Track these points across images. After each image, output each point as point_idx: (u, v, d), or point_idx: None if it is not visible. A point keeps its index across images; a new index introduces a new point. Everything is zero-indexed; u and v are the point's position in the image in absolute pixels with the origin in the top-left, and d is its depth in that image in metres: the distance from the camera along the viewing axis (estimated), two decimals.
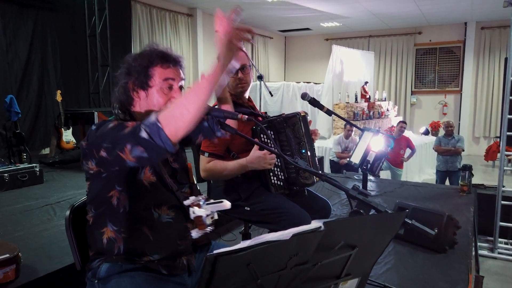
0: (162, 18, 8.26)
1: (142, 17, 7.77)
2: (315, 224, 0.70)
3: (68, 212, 1.34)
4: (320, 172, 1.24)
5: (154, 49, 1.30)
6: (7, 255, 1.90)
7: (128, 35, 7.33)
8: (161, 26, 8.23)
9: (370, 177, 4.53)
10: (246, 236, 2.24)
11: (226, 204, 0.98)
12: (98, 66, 6.64)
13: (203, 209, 0.96)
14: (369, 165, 2.19)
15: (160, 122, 1.05)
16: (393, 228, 0.82)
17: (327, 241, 0.72)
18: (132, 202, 1.25)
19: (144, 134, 1.05)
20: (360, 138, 2.32)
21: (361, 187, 1.08)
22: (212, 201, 1.00)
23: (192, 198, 0.99)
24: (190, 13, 8.97)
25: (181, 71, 1.33)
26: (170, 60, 1.30)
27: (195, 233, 1.00)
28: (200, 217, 0.95)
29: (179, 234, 1.28)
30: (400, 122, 6.42)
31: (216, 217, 1.02)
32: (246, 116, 1.28)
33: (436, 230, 2.24)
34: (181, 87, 1.33)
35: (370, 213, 0.99)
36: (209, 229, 0.97)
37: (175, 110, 1.06)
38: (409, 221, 0.87)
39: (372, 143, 2.18)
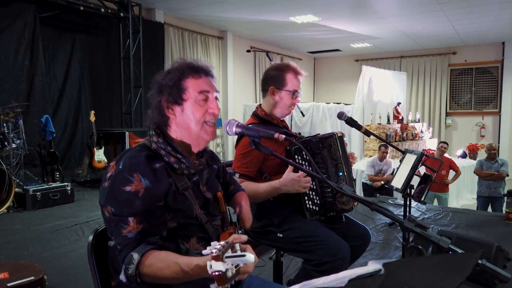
0: (194, 40, 8.42)
1: (174, 39, 7.94)
2: (373, 266, 0.58)
3: (91, 238, 1.24)
4: (370, 200, 1.11)
5: (182, 62, 1.25)
6: (32, 278, 1.86)
7: (161, 57, 7.50)
8: (193, 48, 8.39)
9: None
10: (277, 263, 2.10)
11: (249, 258, 0.82)
12: (130, 87, 6.79)
13: (221, 263, 0.79)
14: (413, 191, 2.02)
15: (140, 277, 1.05)
16: (464, 270, 0.68)
17: (387, 286, 0.60)
18: None
19: (123, 277, 1.07)
20: (401, 161, 2.16)
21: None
22: (232, 253, 0.83)
23: (213, 245, 0.82)
24: (220, 36, 9.11)
25: (213, 81, 1.27)
26: (200, 70, 1.24)
27: None
28: (218, 271, 0.78)
29: None
30: (441, 142, 6.18)
31: (241, 265, 0.85)
32: (284, 136, 1.18)
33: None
34: (216, 98, 1.26)
35: (429, 249, 0.85)
36: (229, 284, 0.80)
37: (158, 276, 1.04)
38: (479, 261, 0.73)
39: (416, 166, 2.02)
